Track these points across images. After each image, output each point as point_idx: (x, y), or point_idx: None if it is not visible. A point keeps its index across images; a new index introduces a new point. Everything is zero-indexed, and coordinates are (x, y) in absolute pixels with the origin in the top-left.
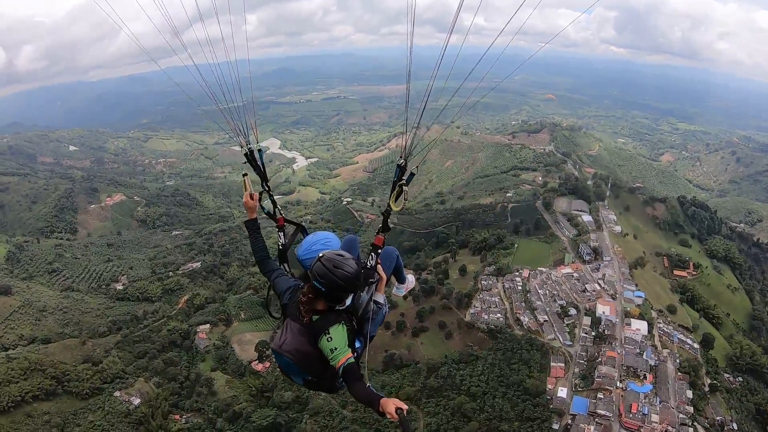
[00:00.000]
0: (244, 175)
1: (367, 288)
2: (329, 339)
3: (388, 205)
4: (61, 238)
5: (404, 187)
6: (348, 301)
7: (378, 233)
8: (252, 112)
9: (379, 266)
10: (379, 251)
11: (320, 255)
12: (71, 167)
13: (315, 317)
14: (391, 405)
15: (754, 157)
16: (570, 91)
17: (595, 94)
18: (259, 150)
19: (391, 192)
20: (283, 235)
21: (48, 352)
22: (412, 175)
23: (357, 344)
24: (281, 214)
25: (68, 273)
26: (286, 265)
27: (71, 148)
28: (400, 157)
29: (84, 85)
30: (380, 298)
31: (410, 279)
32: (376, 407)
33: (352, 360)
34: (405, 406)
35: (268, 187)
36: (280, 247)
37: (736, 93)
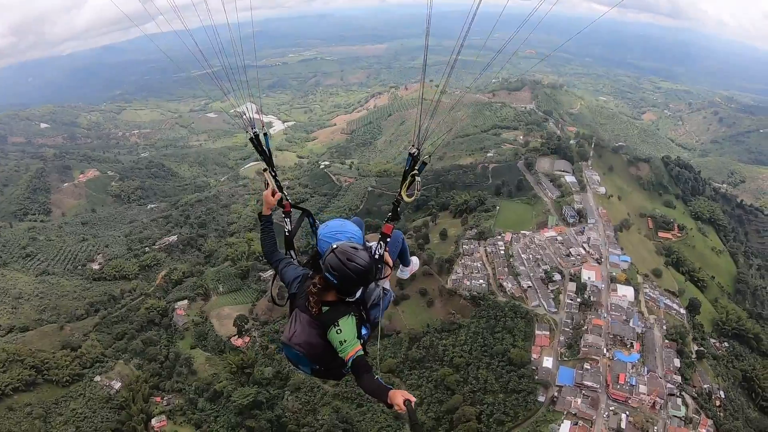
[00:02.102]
0: (264, 170)
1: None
2: (339, 331)
3: (399, 194)
4: (35, 221)
5: (417, 178)
6: (358, 294)
7: (387, 221)
8: (257, 92)
9: (386, 254)
10: (388, 240)
11: (334, 246)
12: (43, 145)
13: (324, 308)
14: (399, 397)
15: (736, 118)
16: (552, 49)
17: (577, 52)
18: (265, 134)
19: (402, 181)
20: (290, 221)
21: (26, 341)
22: (424, 164)
23: (364, 331)
24: (288, 199)
25: (43, 256)
26: (292, 252)
27: (42, 125)
28: (413, 145)
29: (56, 59)
30: (386, 284)
31: (414, 261)
32: (385, 399)
33: (362, 352)
34: (413, 398)
35: (275, 172)
36: (287, 233)
37: (719, 54)
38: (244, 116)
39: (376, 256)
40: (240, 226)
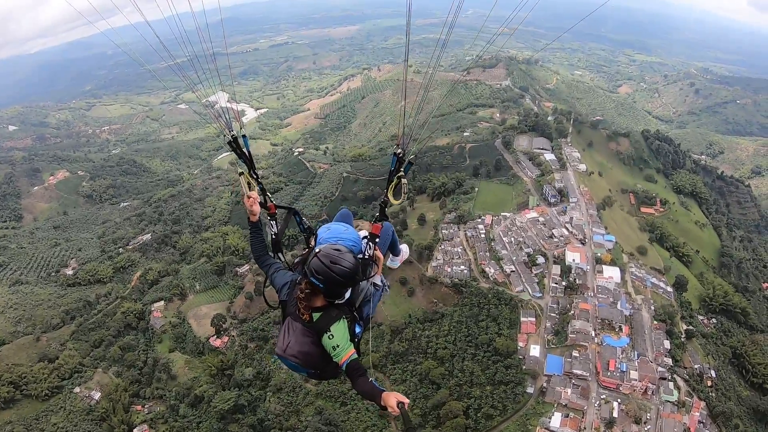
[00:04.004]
0: (240, 173)
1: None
2: (331, 337)
3: (385, 195)
4: (6, 228)
5: (403, 180)
6: (347, 295)
7: (375, 222)
8: (229, 86)
9: (376, 251)
10: (377, 240)
11: (317, 250)
12: (12, 149)
13: (316, 314)
14: (392, 399)
15: (712, 89)
16: (524, 24)
17: (551, 27)
18: (243, 136)
19: (388, 183)
20: (275, 223)
21: (2, 356)
22: (410, 164)
23: (357, 329)
24: (272, 201)
25: (15, 265)
26: (280, 255)
27: (11, 128)
28: (397, 145)
29: (24, 58)
30: (378, 279)
31: (404, 249)
32: (378, 401)
33: (355, 356)
34: (406, 400)
35: (257, 174)
36: (273, 236)
37: (694, 26)
38: (220, 118)
39: (366, 257)
40: (215, 220)
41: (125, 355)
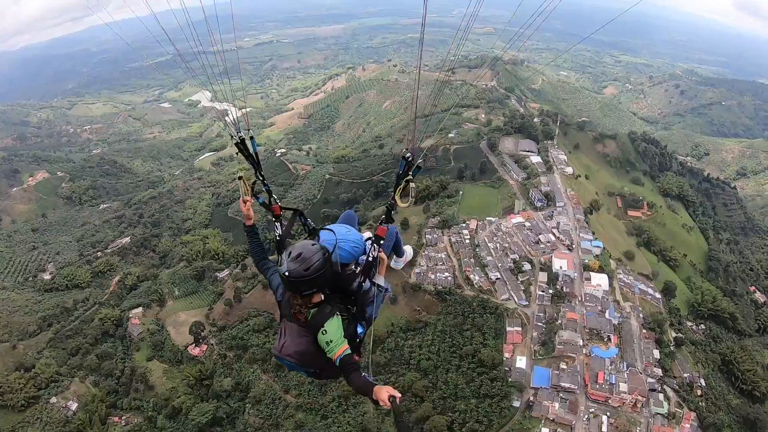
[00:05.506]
0: (239, 177)
1: (359, 268)
2: (324, 332)
3: (393, 198)
4: None
5: (411, 183)
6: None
7: (380, 224)
8: (239, 91)
9: (380, 252)
10: (382, 242)
11: (284, 274)
12: None
13: (311, 311)
14: (384, 393)
15: (698, 91)
16: (511, 24)
17: (537, 26)
18: (252, 138)
19: (396, 186)
20: (280, 225)
21: None
22: (418, 168)
23: (359, 329)
24: (276, 202)
25: None
26: (284, 255)
27: None
28: (406, 149)
29: (7, 54)
30: (381, 281)
31: (408, 251)
32: (370, 395)
33: (348, 351)
34: (398, 394)
35: (263, 176)
36: (278, 237)
37: (679, 26)
38: (227, 119)
39: (370, 259)
40: (195, 223)
41: (102, 363)
